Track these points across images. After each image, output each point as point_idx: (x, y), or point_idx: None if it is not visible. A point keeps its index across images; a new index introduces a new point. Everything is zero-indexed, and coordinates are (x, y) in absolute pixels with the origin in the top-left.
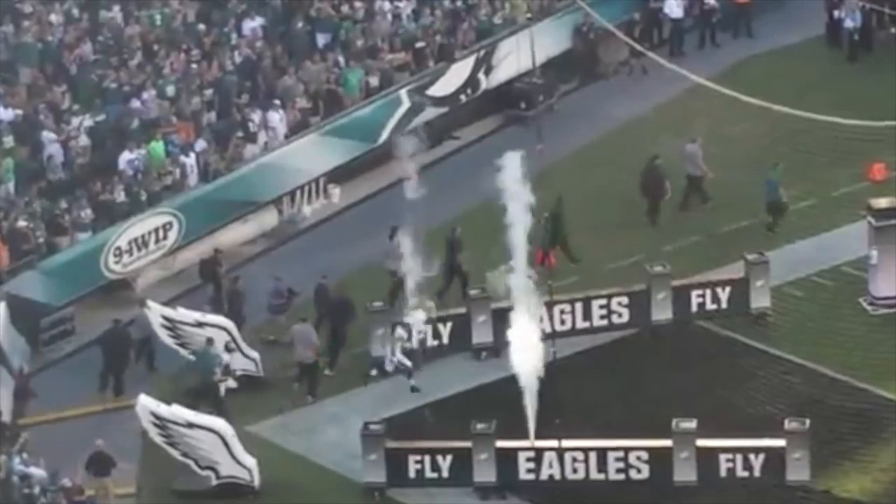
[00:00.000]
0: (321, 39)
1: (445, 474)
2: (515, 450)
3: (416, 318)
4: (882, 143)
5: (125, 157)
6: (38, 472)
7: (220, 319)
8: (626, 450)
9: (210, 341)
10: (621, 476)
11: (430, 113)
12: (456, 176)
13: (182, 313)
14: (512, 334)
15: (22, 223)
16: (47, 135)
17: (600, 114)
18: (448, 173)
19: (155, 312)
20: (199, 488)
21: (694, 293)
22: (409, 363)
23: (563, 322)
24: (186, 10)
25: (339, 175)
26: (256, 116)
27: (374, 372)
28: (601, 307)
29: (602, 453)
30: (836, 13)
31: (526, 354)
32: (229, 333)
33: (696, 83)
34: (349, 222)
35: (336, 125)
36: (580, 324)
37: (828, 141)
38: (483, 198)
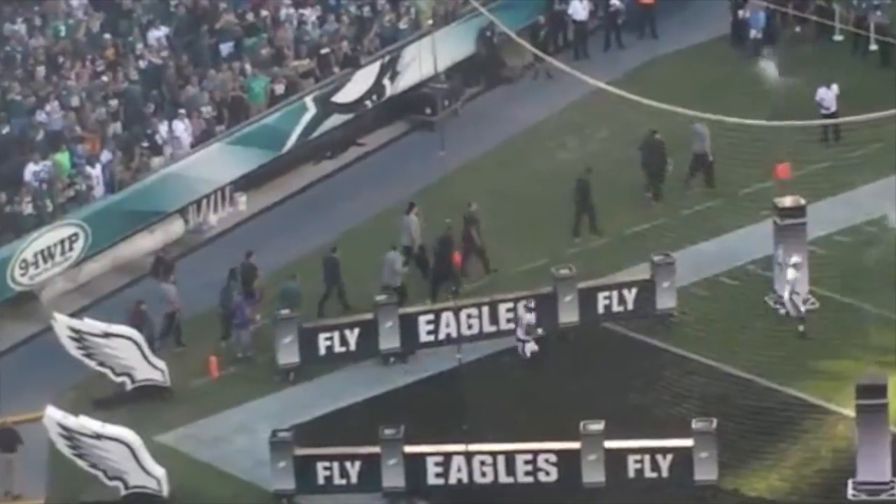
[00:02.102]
0: (225, 49)
1: (354, 480)
2: (423, 455)
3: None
4: (786, 142)
5: (30, 168)
6: None
7: (126, 330)
8: (535, 452)
9: (294, 278)
10: (530, 479)
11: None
12: (363, 181)
13: (88, 324)
14: None
15: None
16: None
17: (505, 117)
18: (354, 179)
19: (62, 324)
20: (107, 499)
21: (600, 295)
22: (802, 308)
23: (469, 326)
24: (91, 21)
25: (246, 183)
26: (163, 127)
27: (772, 302)
28: (508, 311)
29: (510, 456)
30: (740, 13)
31: None
32: (136, 344)
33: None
34: (256, 230)
35: (242, 133)
36: (487, 328)
37: (732, 141)
38: (390, 202)
